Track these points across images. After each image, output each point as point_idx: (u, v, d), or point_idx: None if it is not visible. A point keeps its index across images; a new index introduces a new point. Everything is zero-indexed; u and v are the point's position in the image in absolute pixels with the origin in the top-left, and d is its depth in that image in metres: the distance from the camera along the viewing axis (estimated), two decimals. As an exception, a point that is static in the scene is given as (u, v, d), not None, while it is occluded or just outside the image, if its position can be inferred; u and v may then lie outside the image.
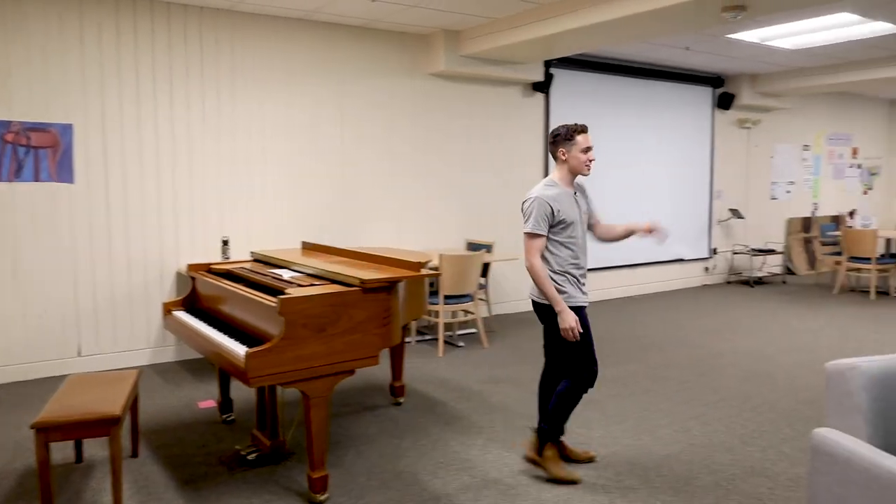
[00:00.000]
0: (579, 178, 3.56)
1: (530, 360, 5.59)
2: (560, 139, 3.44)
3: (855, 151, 11.74)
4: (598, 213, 3.68)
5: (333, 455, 3.70)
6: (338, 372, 3.07)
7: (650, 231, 3.55)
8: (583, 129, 3.43)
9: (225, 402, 4.18)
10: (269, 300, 3.06)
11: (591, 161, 3.44)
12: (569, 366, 3.44)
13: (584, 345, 3.38)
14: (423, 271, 3.50)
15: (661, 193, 8.84)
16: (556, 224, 3.33)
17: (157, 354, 5.58)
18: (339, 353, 3.05)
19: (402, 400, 4.56)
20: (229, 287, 3.51)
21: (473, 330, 6.61)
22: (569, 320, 3.26)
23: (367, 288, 3.13)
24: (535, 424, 3.64)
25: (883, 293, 8.82)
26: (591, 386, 3.43)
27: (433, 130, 6.80)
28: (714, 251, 9.58)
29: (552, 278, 3.35)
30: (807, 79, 8.67)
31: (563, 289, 3.36)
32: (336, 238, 6.27)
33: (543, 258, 3.36)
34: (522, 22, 5.69)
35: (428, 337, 6.36)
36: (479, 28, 6.14)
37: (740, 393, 4.79)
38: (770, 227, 10.40)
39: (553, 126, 7.65)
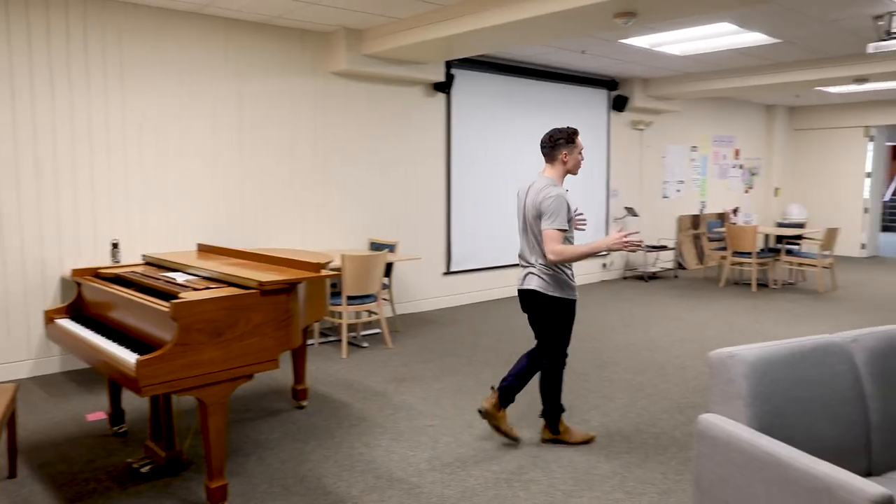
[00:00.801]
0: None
1: (434, 359, 5.63)
2: (562, 143, 3.64)
3: (737, 153, 12.49)
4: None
5: (234, 463, 3.59)
6: (236, 377, 2.98)
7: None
8: (577, 133, 3.67)
9: (116, 414, 3.98)
10: (162, 305, 2.94)
11: (581, 161, 3.71)
12: (548, 350, 3.74)
13: (566, 333, 3.73)
14: (324, 272, 3.45)
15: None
16: (568, 220, 3.58)
17: (41, 366, 5.24)
18: (237, 357, 2.96)
19: (305, 403, 4.48)
20: (118, 292, 3.34)
21: (377, 330, 6.58)
22: (608, 242, 3.41)
23: (266, 290, 3.06)
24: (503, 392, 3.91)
25: (763, 285, 9.42)
26: (564, 367, 3.79)
27: (336, 130, 6.72)
28: (610, 248, 9.94)
29: (562, 269, 3.63)
30: (693, 84, 9.15)
31: (561, 279, 3.64)
32: (235, 240, 6.09)
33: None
34: (424, 22, 5.71)
35: (331, 338, 6.29)
36: (381, 28, 6.12)
37: (635, 383, 4.99)
38: (662, 224, 10.91)
39: (454, 126, 7.73)
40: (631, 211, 9.98)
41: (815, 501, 1.98)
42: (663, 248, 9.92)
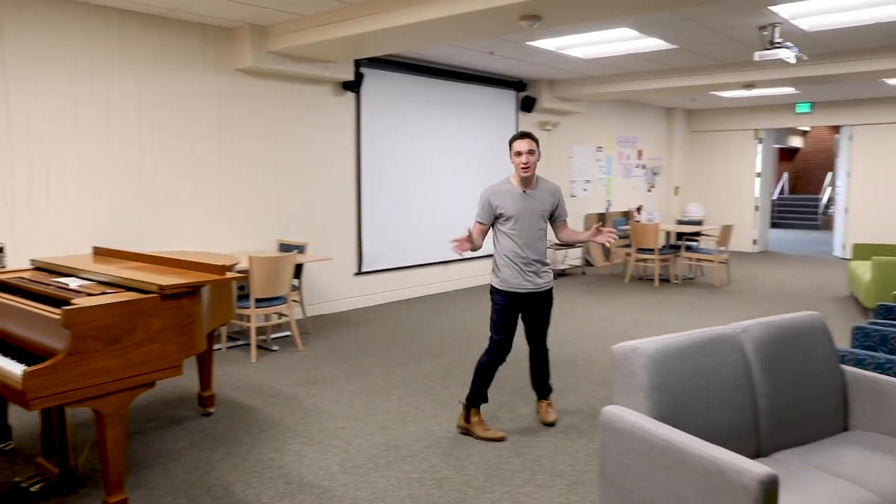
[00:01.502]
0: (549, 181, 4.07)
1: (346, 361, 5.57)
2: (509, 145, 3.92)
3: (640, 153, 12.99)
4: (564, 216, 4.11)
5: (136, 475, 3.43)
6: (135, 386, 2.86)
7: (600, 231, 3.91)
8: (519, 136, 3.87)
9: (1, 430, 3.73)
10: (52, 312, 2.77)
11: (522, 164, 3.82)
12: (491, 341, 4.01)
13: (503, 325, 3.94)
14: (230, 274, 3.35)
15: (470, 191, 9.19)
16: (497, 216, 3.87)
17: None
18: (136, 365, 2.83)
19: (211, 410, 4.34)
20: (3, 300, 3.13)
21: (288, 333, 6.46)
22: (458, 242, 3.78)
23: (167, 294, 2.94)
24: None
25: (665, 280, 9.84)
26: (497, 360, 3.98)
27: (242, 128, 6.54)
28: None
29: (496, 260, 3.96)
30: (597, 86, 9.45)
31: (500, 272, 3.93)
32: (135, 243, 5.83)
33: (495, 242, 3.96)
34: (331, 20, 5.64)
35: (240, 342, 6.12)
36: (287, 24, 6.00)
37: (544, 378, 5.10)
38: (571, 222, 11.15)
39: (364, 126, 7.68)
40: (540, 210, 10.19)
41: (709, 483, 2.08)
42: (571, 245, 10.19)
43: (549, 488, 3.32)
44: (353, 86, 7.40)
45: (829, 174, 20.28)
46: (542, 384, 4.23)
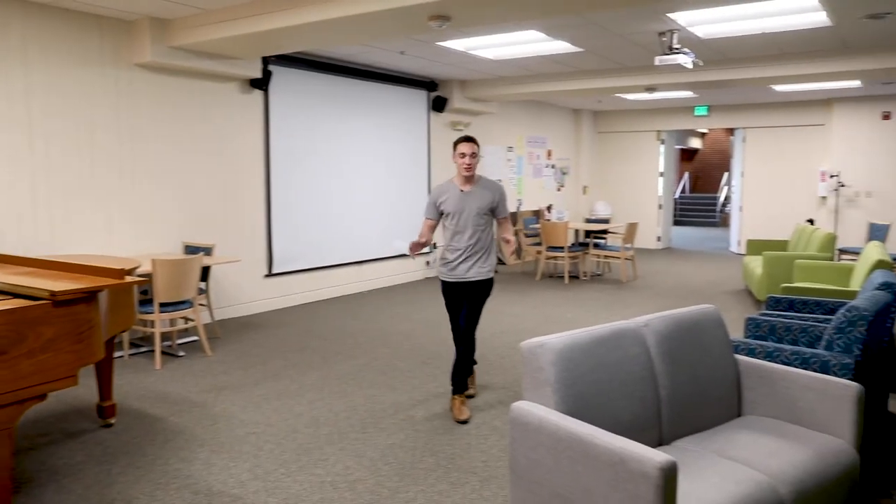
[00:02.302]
0: (491, 180, 4.40)
1: (256, 365, 5.44)
2: (454, 147, 4.26)
3: (549, 153, 13.29)
4: (504, 214, 4.35)
5: (27, 495, 3.23)
6: (24, 399, 2.69)
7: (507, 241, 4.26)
8: (463, 140, 4.19)
9: None
10: (-71, 322, 2.58)
11: (465, 164, 4.17)
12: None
13: (449, 312, 4.39)
14: (130, 278, 3.21)
15: (382, 190, 9.16)
16: (441, 213, 4.28)
17: None
18: (26, 377, 2.67)
19: (112, 421, 4.14)
20: None
21: (195, 338, 6.25)
22: (412, 245, 4.14)
23: (60, 301, 2.79)
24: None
25: (574, 277, 10.11)
26: (458, 346, 4.34)
27: (143, 126, 6.27)
28: (434, 245, 10.19)
29: (442, 252, 4.38)
30: (507, 87, 9.61)
31: (442, 264, 4.36)
32: (30, 248, 5.49)
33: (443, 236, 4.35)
34: (236, 16, 5.49)
35: (143, 349, 5.87)
36: (190, 19, 5.79)
37: (458, 376, 5.15)
38: (482, 221, 11.31)
39: (273, 124, 7.52)
40: (453, 209, 10.27)
41: (614, 473, 2.15)
42: (484, 244, 10.31)
43: (463, 485, 3.35)
44: (261, 84, 7.23)
45: (726, 174, 21.39)
46: (460, 378, 4.32)
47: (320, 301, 8.19)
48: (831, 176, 11.97)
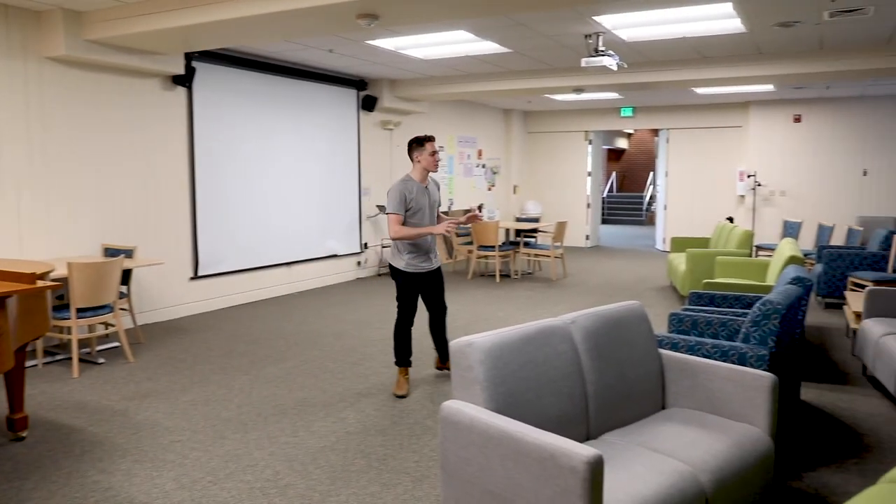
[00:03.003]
0: (434, 176, 4.72)
1: (182, 370, 5.28)
2: (413, 146, 4.58)
3: (480, 153, 13.40)
4: (442, 208, 4.69)
5: (-71, 513, 3.04)
6: (-75, 412, 2.52)
7: (472, 217, 4.70)
8: (431, 139, 4.58)
9: None
10: None
11: (437, 161, 4.58)
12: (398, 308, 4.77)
13: (407, 300, 4.71)
14: (41, 283, 3.05)
15: (312, 191, 9.03)
16: (408, 209, 4.51)
17: None
18: (-74, 389, 2.50)
19: (24, 434, 3.93)
20: None
21: (116, 344, 6.01)
22: (440, 229, 4.47)
23: (-37, 307, 2.63)
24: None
25: (506, 276, 10.22)
26: (403, 326, 4.77)
27: (57, 122, 5.98)
28: (365, 246, 10.12)
29: (398, 246, 4.63)
30: (437, 87, 9.63)
31: (404, 256, 4.61)
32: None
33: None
34: (156, 9, 5.30)
35: (60, 357, 5.61)
36: (107, 11, 5.56)
37: (389, 377, 5.13)
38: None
39: (198, 122, 7.32)
40: (383, 209, 10.24)
41: (543, 468, 2.18)
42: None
43: (395, 486, 3.33)
44: (185, 80, 7.02)
45: (651, 174, 22.05)
46: (442, 347, 5.02)
47: (250, 303, 8.01)
48: (749, 175, 12.50)
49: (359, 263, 10.02)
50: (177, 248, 7.19)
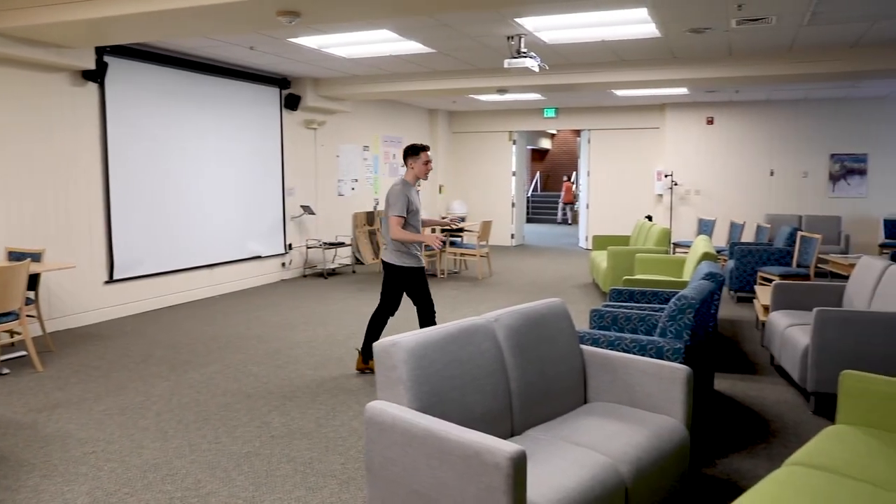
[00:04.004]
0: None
1: (96, 378, 5.06)
2: (408, 154, 4.93)
3: (405, 153, 13.38)
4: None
5: None
6: None
7: (449, 223, 5.30)
8: (425, 149, 4.91)
9: None
10: None
11: (430, 169, 4.96)
12: (383, 301, 5.07)
13: (425, 292, 5.02)
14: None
15: (234, 191, 8.82)
16: (409, 211, 4.83)
17: None
18: None
19: (-79, 450, 3.69)
20: None
21: (23, 353, 5.71)
22: (431, 239, 4.75)
23: None
24: (358, 347, 5.91)
25: (432, 275, 10.25)
26: (392, 315, 5.12)
27: (-47, 119, 5.63)
28: (289, 247, 9.96)
29: (403, 245, 4.90)
30: (362, 86, 9.56)
31: (413, 253, 4.93)
32: None
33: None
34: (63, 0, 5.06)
35: (-39, 368, 5.29)
36: (7, 1, 5.27)
37: (315, 379, 5.06)
38: (339, 221, 11.23)
39: (111, 119, 7.02)
40: (307, 209, 10.10)
41: (467, 466, 2.20)
42: (341, 244, 10.22)
43: (321, 489, 3.29)
44: (96, 76, 6.73)
45: (574, 173, 22.54)
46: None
47: (169, 307, 7.76)
48: (666, 175, 12.95)
49: (283, 265, 9.85)
50: (90, 251, 6.89)
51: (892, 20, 6.01)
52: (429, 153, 4.92)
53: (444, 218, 5.08)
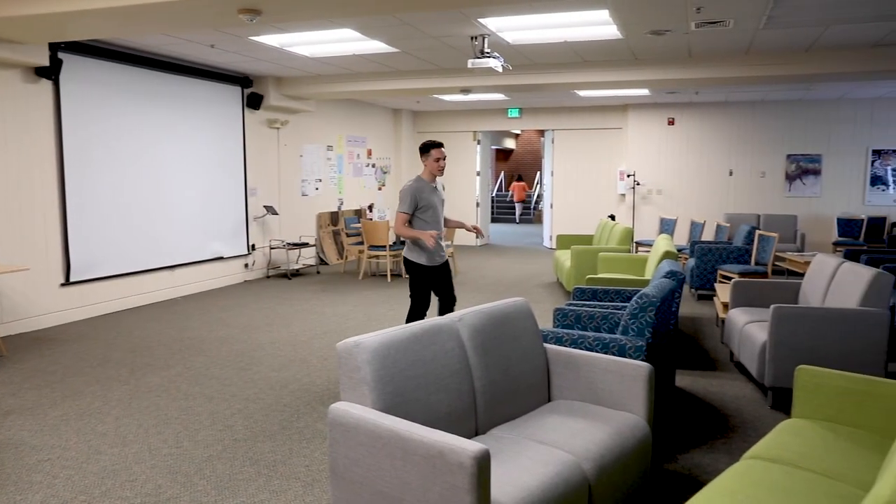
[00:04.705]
0: (440, 178, 5.17)
1: (52, 383, 4.94)
2: (422, 151, 5.00)
3: (370, 152, 13.33)
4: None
5: None
6: None
7: (475, 229, 5.13)
8: (437, 145, 4.96)
9: None
10: None
11: (441, 167, 4.97)
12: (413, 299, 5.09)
13: (422, 291, 5.05)
14: None
15: (195, 191, 8.69)
16: (419, 207, 4.91)
17: None
18: None
19: None
20: None
21: (-24, 357, 5.55)
22: (425, 236, 4.78)
23: None
24: None
25: (397, 275, 10.23)
26: (418, 315, 5.09)
27: None
28: (252, 247, 9.84)
29: (418, 243, 4.97)
30: (325, 85, 9.50)
31: (421, 251, 4.96)
32: None
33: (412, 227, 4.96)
34: (16, -4, 4.93)
35: None
36: (-42, -4, 5.12)
37: (279, 381, 5.01)
38: (303, 221, 11.14)
39: (67, 118, 6.85)
40: (270, 209, 9.99)
41: (432, 465, 2.19)
42: (305, 245, 10.13)
43: (285, 492, 3.26)
44: (50, 73, 6.56)
45: (538, 173, 22.70)
46: None
47: (129, 309, 7.60)
48: (628, 175, 13.12)
49: (246, 266, 9.73)
50: (45, 253, 6.72)
51: (844, 25, 6.18)
52: (442, 149, 4.98)
53: (468, 224, 5.11)
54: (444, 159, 4.99)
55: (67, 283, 6.95)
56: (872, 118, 11.83)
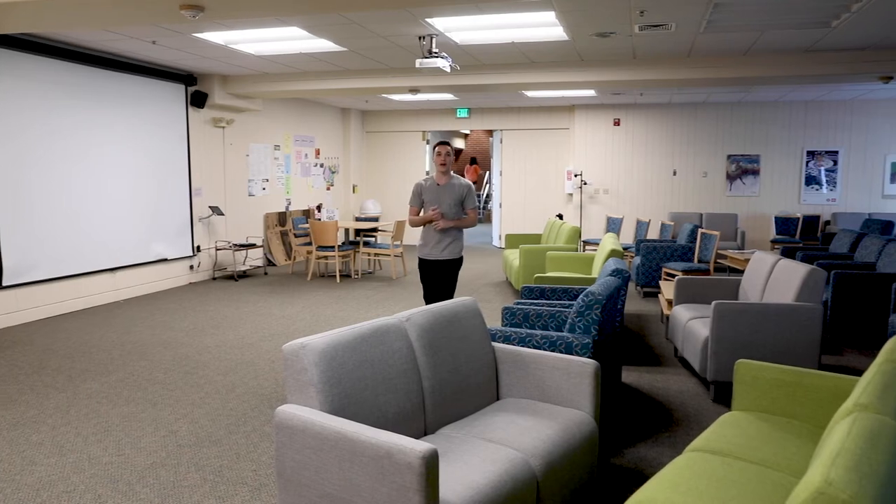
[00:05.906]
0: (461, 178, 5.26)
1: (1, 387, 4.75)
2: (433, 150, 5.19)
3: (318, 152, 13.20)
4: (471, 206, 5.26)
5: None
6: None
7: (434, 213, 5.18)
8: (440, 143, 5.11)
9: None
10: None
11: (441, 162, 5.12)
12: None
13: (421, 279, 5.36)
14: None
15: (136, 190, 8.46)
16: (425, 201, 5.23)
17: None
18: None
19: None
20: None
21: None
22: (431, 215, 5.12)
23: None
24: None
25: (346, 276, 10.15)
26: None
27: None
28: (197, 249, 9.64)
29: (423, 238, 5.31)
30: (272, 84, 9.36)
31: (424, 245, 5.30)
32: None
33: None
34: (-58, -12, 4.71)
35: None
36: None
37: (225, 384, 4.92)
38: (249, 222, 10.96)
39: None
40: (216, 210, 9.80)
41: (380, 467, 2.18)
42: (252, 245, 9.97)
43: (232, 498, 3.20)
44: (-19, 69, 6.30)
45: (487, 173, 22.83)
46: None
47: (67, 314, 7.35)
48: (575, 175, 13.31)
49: (191, 267, 9.52)
50: (-24, 256, 6.45)
51: (779, 31, 6.40)
52: (444, 146, 5.12)
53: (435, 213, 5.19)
54: (444, 155, 5.11)
55: (0, 286, 6.68)
56: (806, 120, 12.28)
